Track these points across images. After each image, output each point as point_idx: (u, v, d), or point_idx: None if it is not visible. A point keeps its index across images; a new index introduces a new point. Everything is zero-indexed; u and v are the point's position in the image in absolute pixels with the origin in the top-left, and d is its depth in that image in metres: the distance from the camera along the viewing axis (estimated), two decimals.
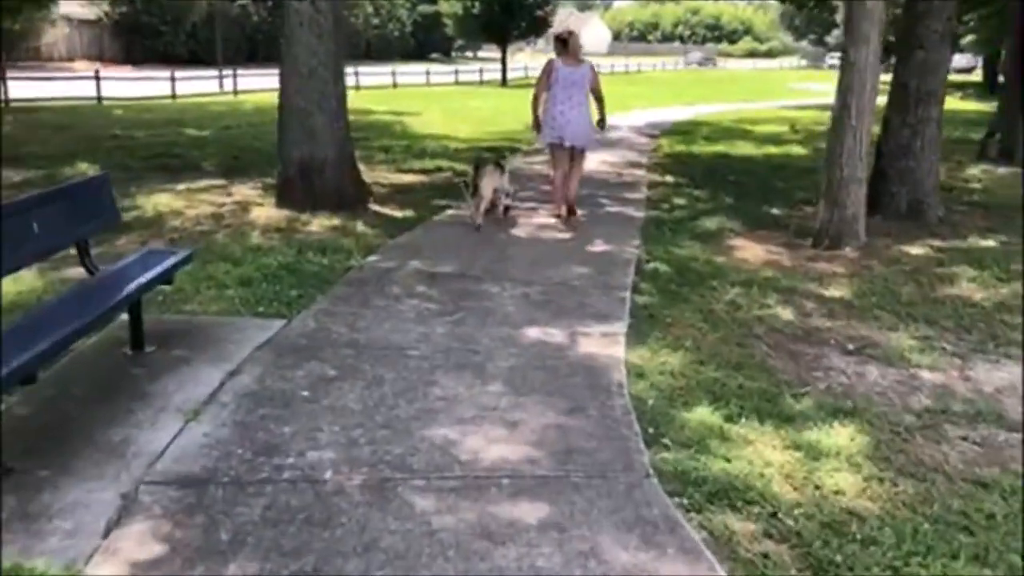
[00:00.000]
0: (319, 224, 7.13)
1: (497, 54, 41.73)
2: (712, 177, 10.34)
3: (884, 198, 7.83)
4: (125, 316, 4.12)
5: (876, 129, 7.45)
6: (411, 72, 36.61)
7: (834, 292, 5.62)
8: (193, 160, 10.90)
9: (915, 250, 6.81)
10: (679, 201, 8.78)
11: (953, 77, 47.55)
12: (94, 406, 3.48)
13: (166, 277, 4.09)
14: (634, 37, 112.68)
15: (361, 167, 10.61)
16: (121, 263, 4.22)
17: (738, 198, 8.93)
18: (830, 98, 24.11)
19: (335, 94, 7.73)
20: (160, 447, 3.15)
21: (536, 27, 41.54)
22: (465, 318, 4.78)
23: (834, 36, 51.45)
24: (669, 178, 10.29)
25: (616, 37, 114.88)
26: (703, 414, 3.59)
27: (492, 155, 8.97)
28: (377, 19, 67.96)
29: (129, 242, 6.44)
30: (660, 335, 4.61)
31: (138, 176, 9.58)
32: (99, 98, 20.71)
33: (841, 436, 3.44)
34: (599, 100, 7.54)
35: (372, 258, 6.02)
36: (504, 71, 38.65)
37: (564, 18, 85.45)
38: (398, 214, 7.75)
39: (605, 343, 4.45)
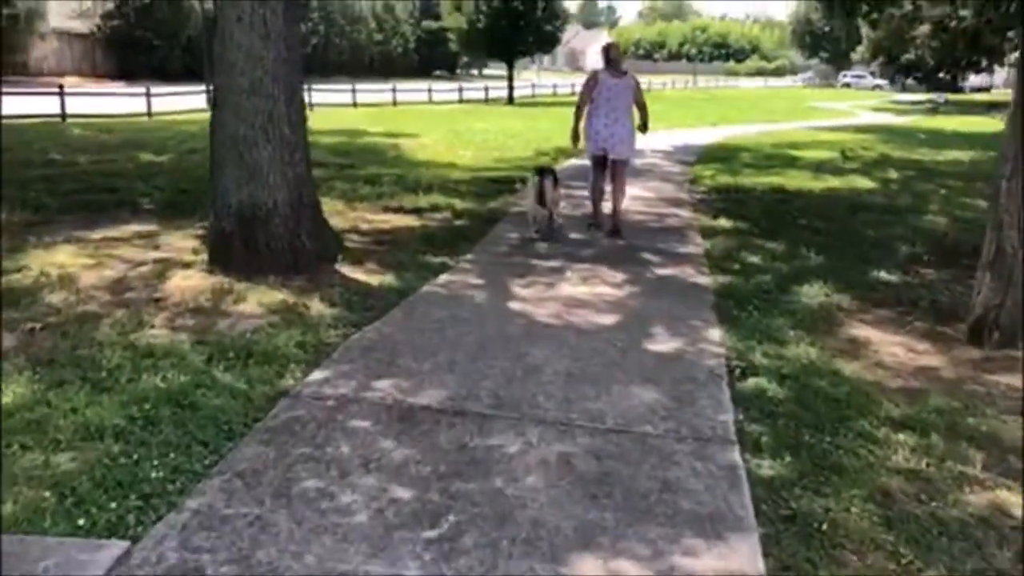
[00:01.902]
0: (257, 301, 4.99)
1: (503, 72, 39.75)
2: (779, 221, 8.18)
3: None
4: None
5: None
6: (413, 89, 34.63)
7: None
8: (130, 195, 8.77)
9: None
10: (751, 258, 6.61)
11: (975, 96, 45.52)
12: None
13: None
14: (640, 55, 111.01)
15: (338, 205, 8.53)
16: None
17: (825, 253, 6.76)
18: (859, 118, 22.37)
19: (288, 117, 5.60)
20: None
21: (544, 43, 39.64)
22: (462, 531, 2.61)
23: (858, 52, 49.50)
24: (724, 222, 8.14)
25: (623, 54, 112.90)
26: None
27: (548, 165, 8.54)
28: (380, 35, 66.59)
29: None
30: None
31: (50, 219, 7.44)
32: (63, 115, 18.68)
33: None
34: (642, 109, 7.36)
35: (318, 374, 3.84)
36: (511, 89, 36.66)
37: (570, 36, 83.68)
38: (374, 280, 5.60)
39: None
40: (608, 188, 7.46)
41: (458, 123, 20.95)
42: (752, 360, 4.26)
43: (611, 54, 7.28)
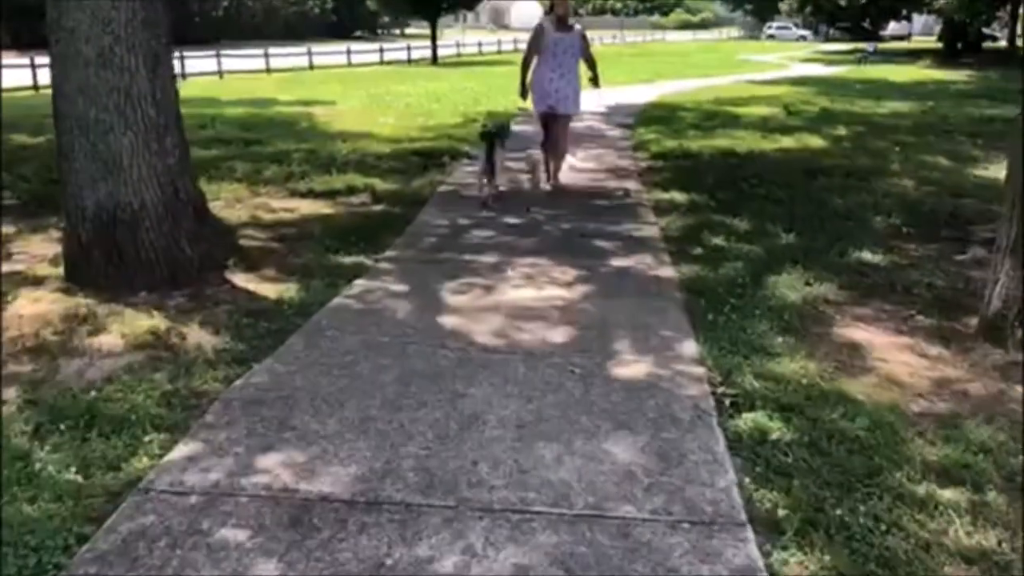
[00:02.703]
0: (120, 331, 3.94)
1: (426, 31, 38.14)
2: (736, 191, 7.38)
3: None
4: None
5: None
6: (331, 52, 32.90)
7: None
8: None
9: None
10: (714, 240, 5.79)
11: (897, 45, 45.84)
12: None
13: None
14: None
15: (239, 190, 7.42)
16: None
17: (795, 229, 6.00)
18: (791, 71, 21.85)
19: (152, 94, 4.49)
20: None
21: (467, 0, 38.22)
22: None
23: (785, 2, 49.02)
24: (677, 195, 7.31)
25: (548, 12, 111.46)
26: None
27: (493, 126, 7.28)
28: None
29: None
30: None
31: None
32: None
33: None
34: (591, 63, 7.30)
35: (183, 448, 2.85)
36: (434, 49, 35.21)
37: None
38: (273, 292, 4.59)
39: None
40: (538, 159, 7.40)
41: (378, 87, 19.65)
42: (742, 384, 3.44)
43: (557, 10, 7.16)
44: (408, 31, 66.68)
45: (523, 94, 7.23)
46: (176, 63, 22.74)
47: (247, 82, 22.13)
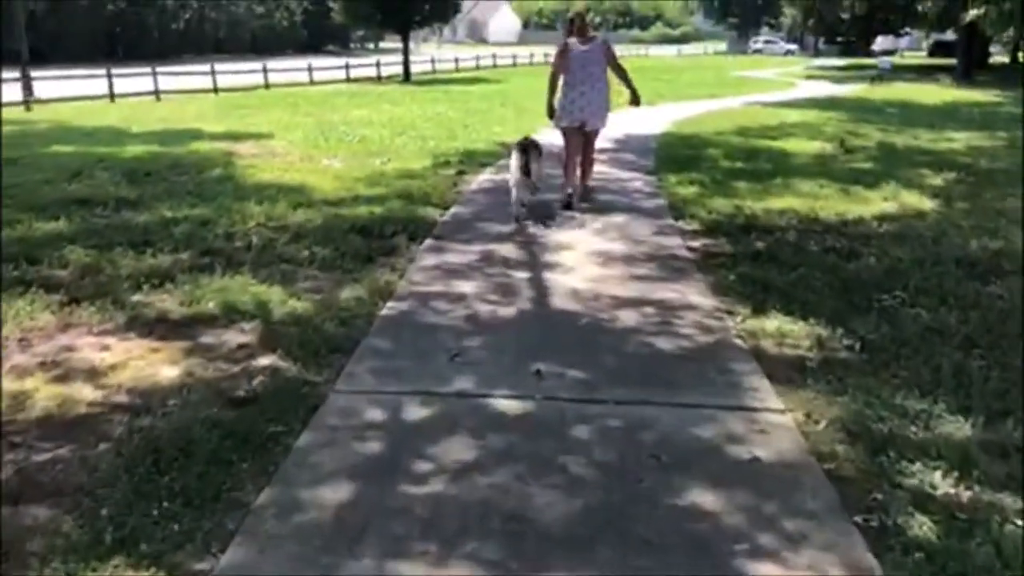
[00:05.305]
0: None
1: (400, 45, 35.19)
2: (877, 314, 4.43)
3: None
4: None
5: None
6: (292, 68, 29.86)
7: None
8: None
9: None
10: (930, 477, 2.81)
11: (898, 60, 43.52)
12: None
13: None
14: (544, 25, 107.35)
15: (38, 317, 4.35)
16: None
17: None
18: (800, 90, 17.61)
19: None
20: None
21: (442, 11, 35.36)
22: None
23: (787, 15, 46.55)
24: (784, 323, 4.30)
25: (525, 25, 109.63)
26: None
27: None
28: (262, 8, 60.91)
29: None
30: None
31: None
32: None
33: None
34: (623, 74, 7.16)
35: None
36: (407, 65, 32.27)
37: (471, 6, 79.23)
38: None
39: None
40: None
41: (334, 111, 16.61)
42: None
43: (575, 22, 7.12)
44: (382, 45, 63.78)
45: (550, 114, 7.13)
46: (102, 82, 19.36)
47: (182, 105, 19.02)
